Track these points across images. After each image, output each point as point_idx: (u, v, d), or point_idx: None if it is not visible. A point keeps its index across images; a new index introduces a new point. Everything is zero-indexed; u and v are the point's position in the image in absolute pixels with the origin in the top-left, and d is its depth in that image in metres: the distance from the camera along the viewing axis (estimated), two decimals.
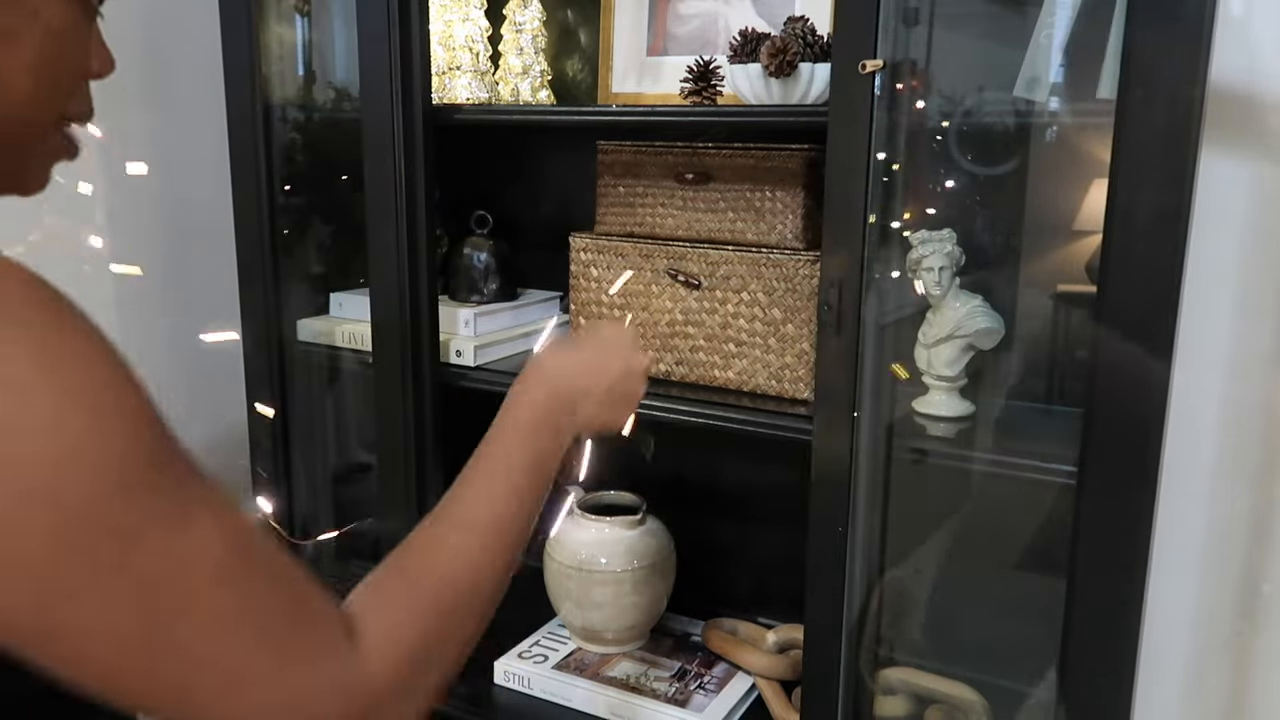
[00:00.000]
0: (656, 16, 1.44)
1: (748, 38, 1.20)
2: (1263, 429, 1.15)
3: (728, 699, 1.33)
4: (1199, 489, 1.18)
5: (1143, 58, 0.87)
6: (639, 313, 1.32)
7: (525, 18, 1.47)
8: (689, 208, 1.31)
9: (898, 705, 1.23)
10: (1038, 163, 1.20)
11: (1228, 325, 1.15)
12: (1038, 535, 1.21)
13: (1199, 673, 1.21)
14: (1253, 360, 1.14)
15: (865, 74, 0.98)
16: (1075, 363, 1.20)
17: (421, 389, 1.35)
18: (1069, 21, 1.08)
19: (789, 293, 1.21)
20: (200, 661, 0.50)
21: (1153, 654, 1.07)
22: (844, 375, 1.05)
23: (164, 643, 0.49)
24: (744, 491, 1.54)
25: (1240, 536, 1.18)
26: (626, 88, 1.46)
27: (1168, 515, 1.08)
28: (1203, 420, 1.16)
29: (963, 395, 1.15)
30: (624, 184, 1.36)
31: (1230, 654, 1.19)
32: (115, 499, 0.47)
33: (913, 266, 1.13)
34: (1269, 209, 1.11)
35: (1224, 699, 1.20)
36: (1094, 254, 0.97)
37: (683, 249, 1.28)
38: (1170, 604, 1.19)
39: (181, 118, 1.58)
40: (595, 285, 1.35)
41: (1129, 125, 0.88)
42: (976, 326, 1.11)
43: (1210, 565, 1.19)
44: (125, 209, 1.53)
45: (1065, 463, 0.99)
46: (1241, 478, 1.16)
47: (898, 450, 1.13)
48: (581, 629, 1.44)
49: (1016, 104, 1.13)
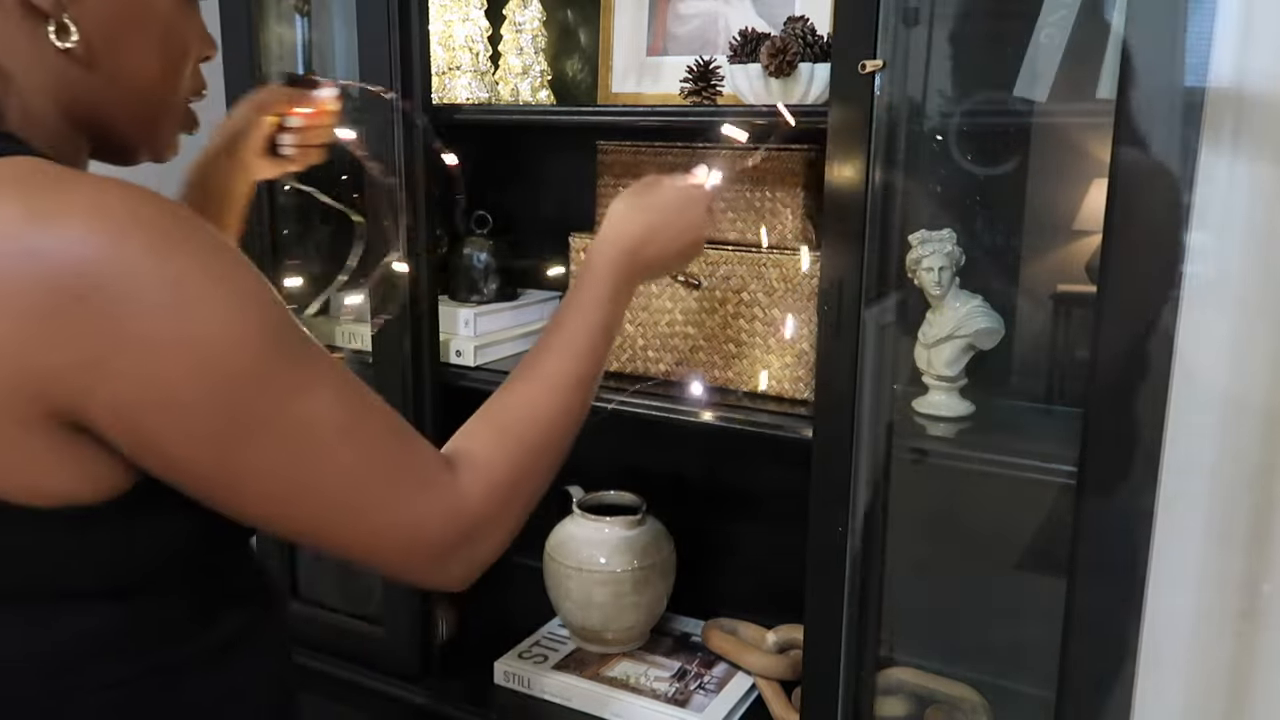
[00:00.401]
0: (656, 16, 1.44)
1: (748, 38, 1.20)
2: (1263, 429, 1.15)
3: (728, 699, 1.33)
4: (1199, 489, 1.18)
5: (1143, 58, 0.87)
6: (639, 313, 1.32)
7: (525, 18, 1.47)
8: None
9: (898, 705, 1.23)
10: (1038, 163, 1.20)
11: (1228, 325, 1.14)
12: (1038, 535, 1.21)
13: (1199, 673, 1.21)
14: (1253, 360, 1.14)
15: (865, 74, 0.98)
16: (1075, 363, 1.20)
17: (421, 389, 1.35)
18: (1069, 21, 1.08)
19: (789, 293, 1.21)
20: (332, 496, 0.62)
21: (1153, 654, 1.07)
22: (844, 375, 1.05)
23: (305, 481, 0.61)
24: (744, 491, 1.54)
25: (1240, 536, 1.18)
26: (626, 88, 1.46)
27: (1168, 515, 1.08)
28: (1203, 420, 1.16)
29: (963, 395, 1.15)
30: (624, 184, 1.35)
31: (1230, 654, 1.19)
32: (269, 371, 0.59)
33: (913, 266, 1.13)
34: (1269, 209, 1.10)
35: (1224, 699, 1.20)
36: (1094, 254, 0.97)
37: None
38: (1170, 604, 1.19)
39: None
40: None
41: (1129, 125, 0.88)
42: (976, 326, 1.11)
43: (1210, 565, 1.19)
44: None
45: (1065, 463, 0.99)
46: (1241, 478, 1.16)
47: (898, 450, 1.13)
48: (581, 629, 1.44)
49: (1016, 104, 1.13)
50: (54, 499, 0.58)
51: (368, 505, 0.63)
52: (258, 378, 0.59)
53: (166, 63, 0.69)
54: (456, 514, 0.67)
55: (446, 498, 0.67)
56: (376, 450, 0.64)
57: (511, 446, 0.72)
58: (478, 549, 0.69)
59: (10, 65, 0.62)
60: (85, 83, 0.65)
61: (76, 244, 0.54)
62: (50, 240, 0.53)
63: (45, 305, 0.53)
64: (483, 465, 0.69)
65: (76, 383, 0.55)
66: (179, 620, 0.66)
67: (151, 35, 0.67)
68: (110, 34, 0.65)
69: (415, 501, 0.65)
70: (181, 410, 0.57)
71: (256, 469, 0.60)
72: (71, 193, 0.56)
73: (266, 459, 0.60)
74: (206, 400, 0.57)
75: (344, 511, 0.63)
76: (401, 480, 0.65)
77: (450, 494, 0.67)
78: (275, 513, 0.62)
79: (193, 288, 0.56)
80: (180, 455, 0.58)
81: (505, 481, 0.70)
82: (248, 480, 0.60)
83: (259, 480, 0.60)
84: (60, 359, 0.54)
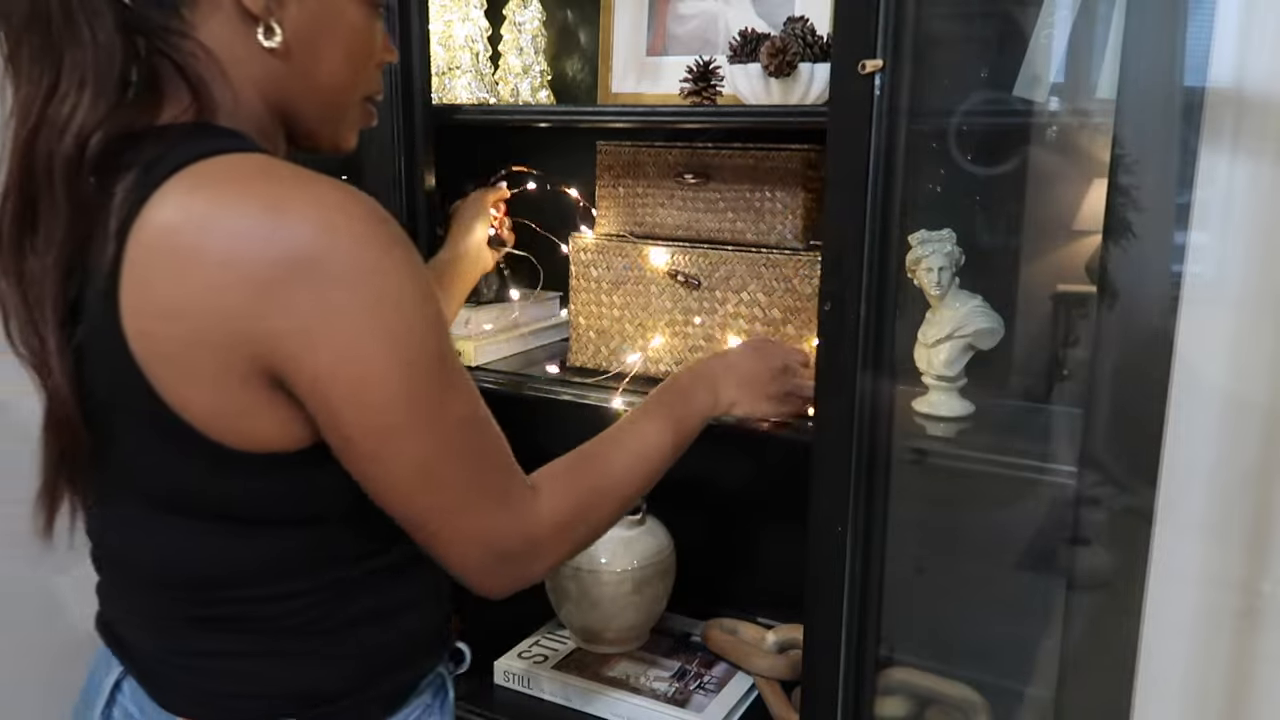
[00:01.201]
0: (656, 16, 1.44)
1: (747, 38, 1.20)
2: (1263, 429, 1.15)
3: (728, 699, 1.33)
4: (1199, 489, 1.18)
5: (1143, 58, 0.87)
6: (639, 313, 1.32)
7: (525, 18, 1.47)
8: (689, 208, 1.31)
9: (898, 705, 1.23)
10: (1038, 163, 1.20)
11: (1228, 325, 1.15)
12: (1038, 535, 1.21)
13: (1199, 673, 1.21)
14: (1253, 360, 1.14)
15: (865, 74, 0.98)
16: (1075, 363, 1.20)
17: None
18: (1069, 21, 1.08)
19: (789, 293, 1.21)
20: (451, 489, 0.72)
21: (1153, 654, 1.07)
22: (844, 375, 1.05)
23: (438, 473, 0.71)
24: (744, 491, 1.54)
25: (1240, 536, 1.18)
26: (626, 88, 1.46)
27: (1168, 515, 1.08)
28: (1203, 420, 1.16)
29: (963, 395, 1.15)
30: (624, 184, 1.36)
31: (1230, 654, 1.19)
32: (439, 369, 0.69)
33: (913, 266, 1.13)
34: (1269, 209, 1.10)
35: (1224, 699, 1.20)
36: (1094, 254, 0.97)
37: (683, 249, 1.28)
38: (1170, 604, 1.19)
39: None
40: (595, 285, 1.35)
41: (1129, 125, 0.88)
42: (976, 326, 1.11)
43: (1210, 565, 1.19)
44: None
45: (1065, 463, 0.99)
46: (1241, 478, 1.16)
47: (898, 450, 1.13)
48: (581, 629, 1.44)
49: (1016, 104, 1.13)
50: (259, 446, 0.69)
51: (470, 504, 0.73)
52: (432, 374, 0.69)
53: (352, 64, 0.79)
54: (525, 531, 0.76)
55: (526, 514, 0.76)
56: (490, 458, 0.74)
57: (581, 490, 0.82)
58: (529, 566, 0.78)
59: (226, 60, 0.72)
60: (284, 78, 0.75)
61: (303, 230, 0.64)
62: (283, 226, 0.63)
63: (274, 279, 0.63)
64: (558, 496, 0.79)
65: (288, 348, 0.64)
66: (352, 547, 0.77)
67: (341, 39, 0.77)
68: (308, 36, 0.75)
69: (504, 509, 0.75)
70: (368, 385, 0.66)
71: (404, 451, 0.69)
72: (301, 187, 0.65)
73: (417, 446, 0.69)
74: (392, 381, 0.67)
75: (452, 506, 0.72)
76: (501, 487, 0.75)
77: (529, 511, 0.77)
78: (401, 491, 0.71)
79: (393, 281, 0.66)
80: (352, 422, 0.67)
81: (571, 515, 0.80)
82: (395, 459, 0.69)
83: (402, 462, 0.69)
84: (279, 325, 0.64)
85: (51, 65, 0.66)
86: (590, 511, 0.83)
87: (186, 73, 0.70)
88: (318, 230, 0.64)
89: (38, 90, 0.66)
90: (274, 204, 0.64)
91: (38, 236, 0.68)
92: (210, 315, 0.64)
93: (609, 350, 1.36)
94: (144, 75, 0.69)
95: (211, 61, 0.71)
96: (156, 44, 0.69)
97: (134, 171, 0.65)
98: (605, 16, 1.47)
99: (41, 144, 0.66)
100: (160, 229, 0.64)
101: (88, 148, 0.66)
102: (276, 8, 0.72)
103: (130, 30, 0.68)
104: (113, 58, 0.67)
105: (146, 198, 0.64)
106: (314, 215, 0.64)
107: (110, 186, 0.65)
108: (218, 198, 0.64)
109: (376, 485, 0.71)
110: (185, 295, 0.64)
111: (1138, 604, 0.95)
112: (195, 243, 0.63)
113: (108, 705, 0.81)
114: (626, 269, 1.32)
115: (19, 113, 0.67)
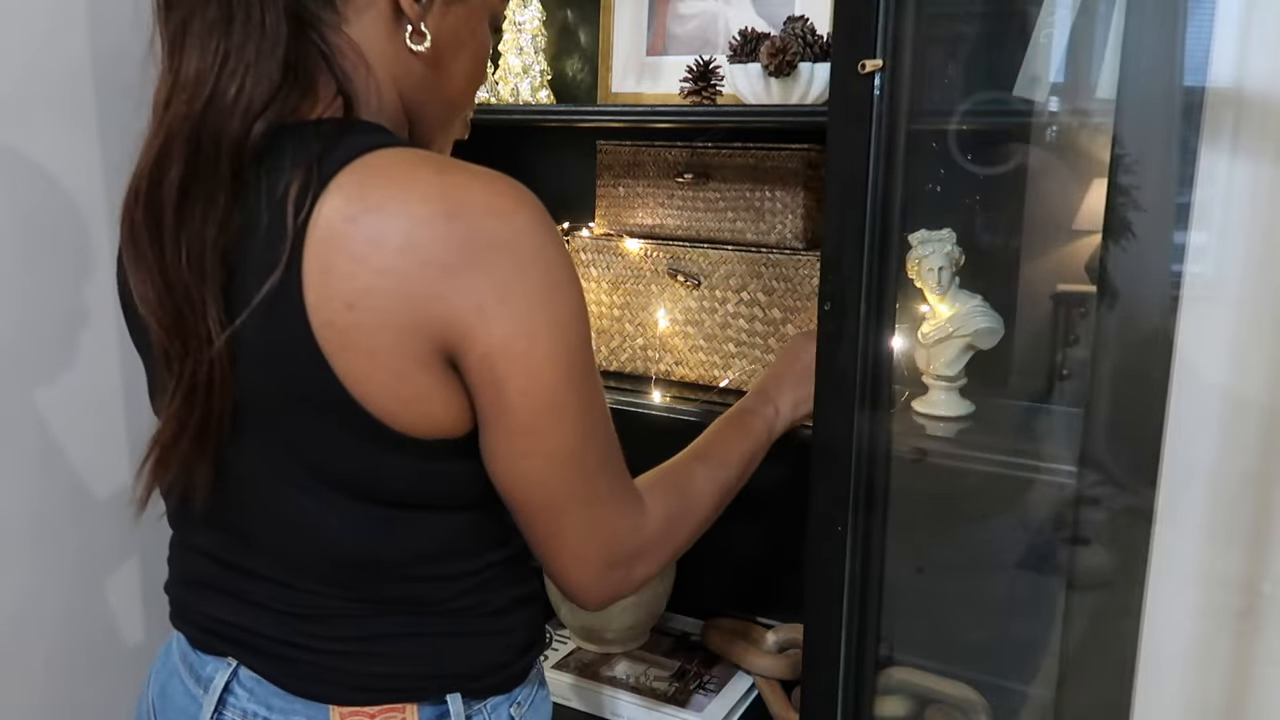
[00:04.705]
0: (656, 16, 1.44)
1: (747, 38, 1.20)
2: (1263, 429, 1.15)
3: (728, 699, 1.33)
4: (1199, 489, 1.18)
5: (1143, 58, 0.87)
6: (639, 313, 1.32)
7: (525, 17, 1.47)
8: (689, 207, 1.31)
9: (898, 705, 1.23)
10: (1038, 163, 1.20)
11: (1228, 325, 1.14)
12: (1037, 535, 1.21)
13: (1199, 672, 1.21)
14: (1253, 360, 1.14)
15: (865, 74, 0.98)
16: (1075, 363, 1.20)
17: None
18: (1069, 21, 1.08)
19: (789, 293, 1.21)
20: (587, 475, 0.74)
21: (1153, 654, 1.07)
22: (844, 375, 1.05)
23: (578, 452, 0.73)
24: (744, 491, 1.54)
25: (1240, 536, 1.18)
26: (626, 87, 1.46)
27: (1168, 515, 1.08)
28: (1203, 420, 1.16)
29: (963, 395, 1.15)
30: (624, 184, 1.36)
31: (1230, 654, 1.19)
32: (589, 353, 0.72)
33: (913, 266, 1.13)
34: (1269, 209, 1.10)
35: (1224, 699, 1.20)
36: (1094, 254, 0.97)
37: (682, 248, 1.28)
38: (1170, 604, 1.19)
39: None
40: (595, 285, 1.35)
41: (1129, 125, 0.88)
42: (976, 326, 1.11)
43: (1210, 565, 1.19)
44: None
45: (1065, 463, 0.99)
46: (1241, 478, 1.16)
47: (898, 450, 1.13)
48: (581, 629, 1.44)
49: (1016, 104, 1.13)
50: (431, 431, 0.70)
51: (598, 498, 0.75)
52: (587, 359, 0.72)
53: (473, 78, 0.83)
54: (638, 535, 0.79)
55: (637, 518, 0.79)
56: (618, 455, 0.77)
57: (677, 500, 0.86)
58: (632, 571, 0.80)
59: (372, 57, 0.74)
60: (420, 80, 0.77)
61: (480, 216, 0.66)
62: (460, 212, 0.66)
63: (454, 260, 0.65)
64: (661, 505, 0.82)
65: (464, 325, 0.66)
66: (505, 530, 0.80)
67: (471, 53, 0.81)
68: (449, 45, 0.78)
69: (622, 511, 0.78)
70: (534, 360, 0.68)
71: (555, 429, 0.71)
72: (471, 176, 0.68)
73: (569, 425, 0.71)
74: (559, 357, 0.69)
75: (584, 495, 0.74)
76: (622, 490, 0.78)
77: (640, 516, 0.80)
78: (541, 472, 0.72)
79: (558, 266, 0.69)
80: (516, 392, 0.69)
81: (669, 525, 0.83)
82: (548, 435, 0.71)
83: (553, 438, 0.71)
84: (458, 304, 0.66)
85: (224, 40, 0.67)
86: (679, 531, 0.86)
87: (334, 66, 0.72)
88: (494, 216, 0.67)
89: (210, 64, 0.67)
90: (448, 191, 0.67)
91: (198, 210, 0.68)
92: (393, 301, 0.65)
93: (609, 350, 1.36)
94: (300, 64, 0.70)
95: (358, 57, 0.73)
96: (311, 34, 0.71)
97: (301, 169, 0.66)
98: (605, 16, 1.47)
99: (210, 122, 0.66)
100: (337, 221, 0.65)
101: (252, 133, 0.67)
102: (426, 13, 0.75)
103: (294, 16, 0.69)
104: (278, 41, 0.68)
105: (320, 194, 0.66)
106: (490, 202, 0.67)
107: (274, 180, 0.67)
108: (391, 188, 0.66)
109: (519, 465, 0.72)
110: (367, 284, 0.65)
111: (1138, 604, 0.95)
112: (374, 233, 0.65)
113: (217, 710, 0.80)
114: (626, 269, 1.32)
115: (191, 85, 0.67)
